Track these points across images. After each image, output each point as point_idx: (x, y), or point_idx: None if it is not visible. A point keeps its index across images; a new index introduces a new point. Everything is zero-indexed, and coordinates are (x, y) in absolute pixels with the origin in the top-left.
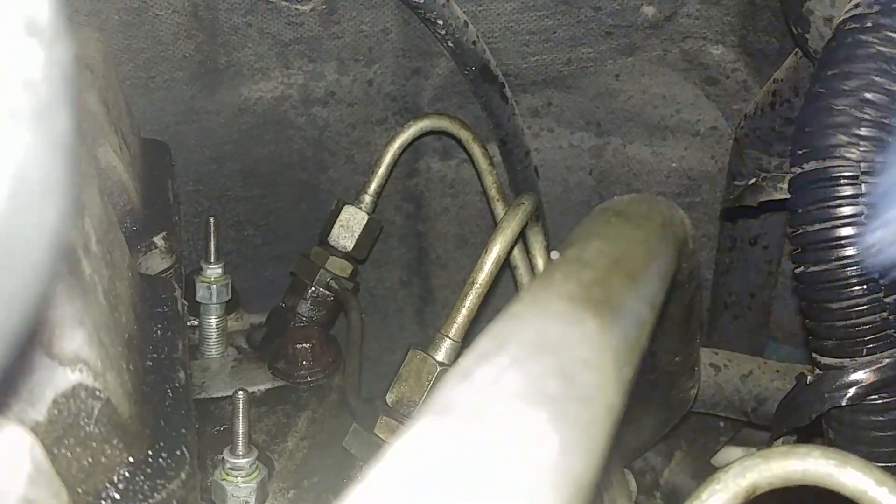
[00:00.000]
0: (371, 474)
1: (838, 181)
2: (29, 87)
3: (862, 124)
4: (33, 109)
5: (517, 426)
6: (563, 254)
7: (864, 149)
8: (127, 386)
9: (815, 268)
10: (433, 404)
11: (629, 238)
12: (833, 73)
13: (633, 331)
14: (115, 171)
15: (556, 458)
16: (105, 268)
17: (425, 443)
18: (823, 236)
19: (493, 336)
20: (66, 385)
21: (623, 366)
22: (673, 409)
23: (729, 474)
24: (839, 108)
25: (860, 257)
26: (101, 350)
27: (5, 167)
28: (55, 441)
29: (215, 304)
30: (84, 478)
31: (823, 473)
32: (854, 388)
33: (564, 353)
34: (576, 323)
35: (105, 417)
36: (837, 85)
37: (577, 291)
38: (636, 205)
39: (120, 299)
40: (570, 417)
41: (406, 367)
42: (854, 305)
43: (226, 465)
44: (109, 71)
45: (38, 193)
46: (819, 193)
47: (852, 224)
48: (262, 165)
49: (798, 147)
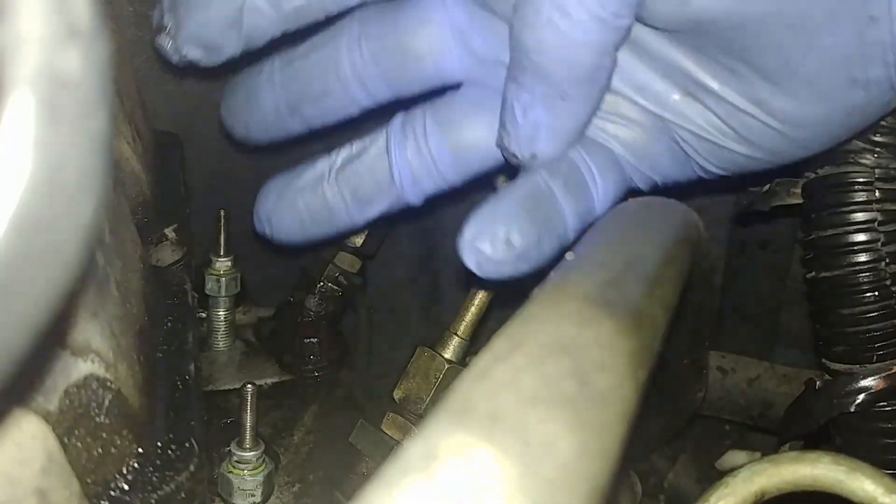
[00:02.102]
0: (386, 473)
1: (852, 187)
2: (68, 87)
3: (877, 130)
4: (72, 109)
5: (533, 428)
6: (578, 255)
7: (878, 154)
8: (137, 377)
9: (827, 273)
10: (449, 404)
11: (644, 240)
12: None
13: (648, 333)
14: (127, 163)
15: (571, 461)
16: (117, 259)
17: (442, 444)
18: (836, 241)
19: (509, 336)
20: (77, 375)
21: (638, 368)
22: (680, 412)
23: (738, 478)
24: None
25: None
26: (112, 341)
27: (45, 165)
28: (66, 431)
29: (224, 297)
30: (94, 468)
31: (833, 480)
32: (863, 395)
33: (580, 354)
34: (591, 324)
35: (115, 408)
36: None
37: (592, 292)
38: (651, 207)
39: (131, 291)
40: (585, 419)
41: (414, 364)
42: (865, 311)
43: (232, 458)
44: (123, 62)
45: (75, 190)
46: (833, 198)
47: (866, 230)
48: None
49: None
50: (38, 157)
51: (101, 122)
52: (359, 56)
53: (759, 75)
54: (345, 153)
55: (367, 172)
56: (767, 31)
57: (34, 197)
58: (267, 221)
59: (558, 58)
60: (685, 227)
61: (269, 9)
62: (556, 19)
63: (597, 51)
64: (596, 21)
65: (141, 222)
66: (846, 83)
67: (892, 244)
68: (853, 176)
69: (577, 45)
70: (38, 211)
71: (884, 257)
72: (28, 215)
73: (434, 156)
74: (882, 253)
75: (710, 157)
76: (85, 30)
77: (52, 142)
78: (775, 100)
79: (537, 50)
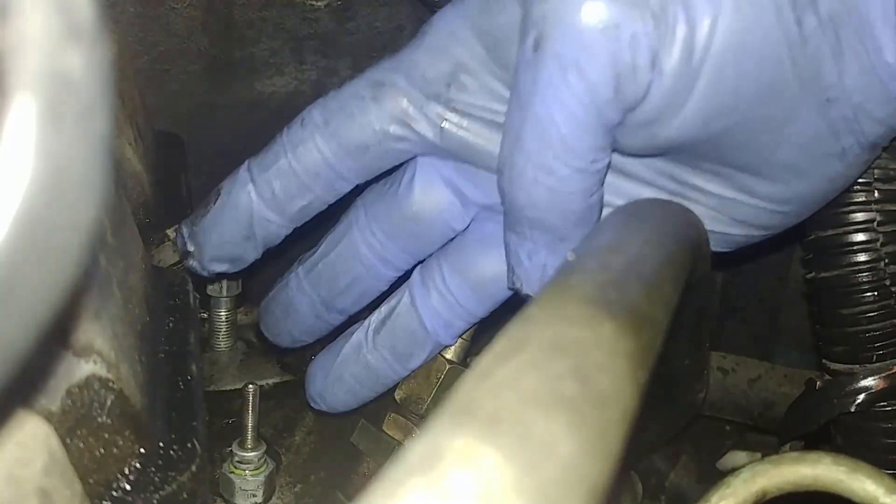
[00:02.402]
0: (388, 474)
1: (851, 187)
2: (70, 88)
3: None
4: (74, 109)
5: (534, 429)
6: (579, 255)
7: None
8: (139, 378)
9: (827, 273)
10: (451, 405)
11: (645, 241)
12: None
13: (649, 334)
14: (129, 164)
15: (572, 461)
16: (119, 259)
17: (444, 445)
18: (836, 241)
19: (511, 337)
20: (79, 376)
21: (638, 369)
22: (680, 412)
23: (739, 479)
24: None
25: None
26: (114, 341)
27: (47, 166)
28: (68, 431)
29: (225, 297)
30: (96, 468)
31: (834, 480)
32: (864, 395)
33: (581, 355)
34: (592, 325)
35: (117, 409)
36: None
37: (593, 293)
38: (652, 208)
39: (133, 291)
40: (586, 420)
41: None
42: (865, 311)
43: (234, 459)
44: (124, 63)
45: (77, 191)
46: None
47: (865, 230)
48: None
49: None
50: (40, 157)
51: (102, 122)
52: (374, 240)
53: (739, 171)
54: (375, 318)
55: (400, 331)
56: (735, 138)
57: (36, 197)
58: (321, 399)
59: (551, 210)
60: (686, 227)
61: (276, 216)
62: (542, 178)
63: (584, 196)
64: (578, 172)
65: (143, 223)
66: (822, 157)
67: (892, 244)
68: None
69: (565, 196)
70: (40, 211)
71: (883, 257)
72: (30, 215)
73: (458, 299)
74: (881, 253)
75: (711, 243)
76: (87, 31)
77: (53, 143)
78: (759, 185)
79: (530, 206)
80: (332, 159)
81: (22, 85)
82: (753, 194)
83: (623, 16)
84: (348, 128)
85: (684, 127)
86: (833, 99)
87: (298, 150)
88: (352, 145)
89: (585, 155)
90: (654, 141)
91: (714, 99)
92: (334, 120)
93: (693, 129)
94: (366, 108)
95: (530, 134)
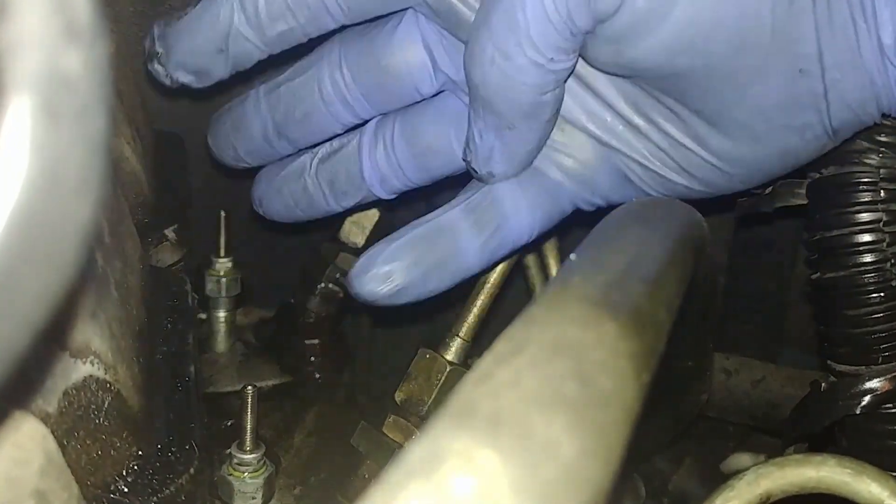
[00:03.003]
0: (389, 476)
1: (857, 187)
2: (68, 87)
3: (882, 130)
4: (72, 108)
5: (536, 430)
6: (581, 256)
7: (883, 154)
8: (137, 379)
9: (832, 274)
10: (452, 406)
11: (647, 241)
12: None
13: (651, 335)
14: (127, 163)
15: (574, 463)
16: (117, 260)
17: (445, 447)
18: (841, 242)
19: (511, 338)
20: (77, 377)
21: (641, 370)
22: (684, 414)
23: (742, 481)
24: None
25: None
26: (112, 342)
27: (44, 165)
28: (65, 433)
29: (224, 298)
30: (93, 470)
31: (839, 482)
32: (869, 396)
33: (582, 356)
34: (594, 326)
35: (115, 410)
36: None
37: (595, 294)
38: (654, 208)
39: (131, 292)
40: (588, 421)
41: (415, 366)
42: (871, 312)
43: (233, 461)
44: (123, 62)
45: (73, 190)
46: (837, 199)
47: (871, 230)
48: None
49: None
50: (37, 156)
51: (100, 122)
52: (340, 77)
53: (697, 116)
54: (324, 149)
55: (342, 169)
56: (699, 81)
57: (32, 196)
58: (259, 203)
59: (501, 95)
60: (689, 226)
61: (254, 35)
62: (499, 60)
63: (536, 91)
64: (534, 65)
65: (141, 223)
66: (780, 128)
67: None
68: (858, 176)
69: (517, 85)
70: (36, 210)
71: (889, 258)
72: (26, 214)
73: (399, 160)
74: (887, 253)
75: (652, 184)
76: (85, 30)
77: (51, 142)
78: (712, 138)
79: (483, 85)
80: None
81: (20, 84)
82: (705, 146)
83: None
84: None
85: (651, 52)
86: (806, 71)
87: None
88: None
89: (545, 51)
90: (618, 59)
91: (685, 32)
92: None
93: (659, 58)
94: None
95: (498, 15)
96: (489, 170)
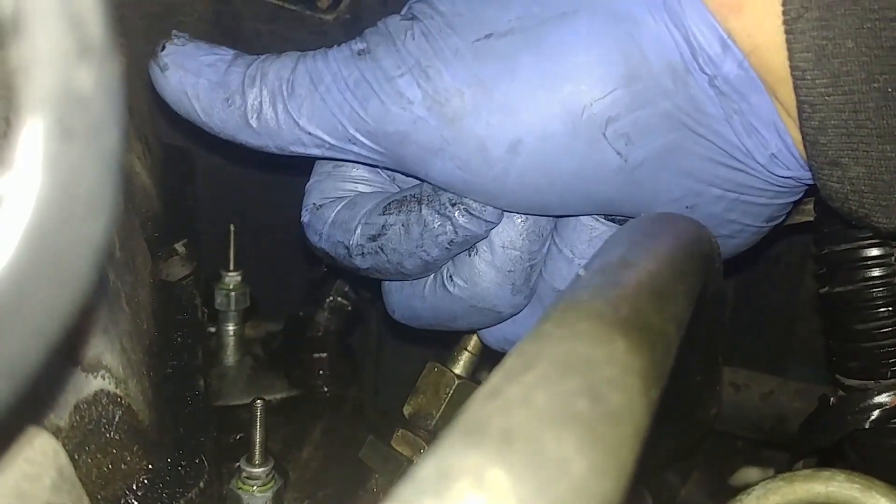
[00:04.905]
0: (399, 493)
1: None
2: (81, 104)
3: None
4: (85, 126)
5: (546, 447)
6: (589, 271)
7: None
8: (147, 393)
9: (841, 288)
10: (462, 423)
11: (656, 256)
12: None
13: (661, 350)
14: (138, 178)
15: (584, 480)
16: (128, 275)
17: (455, 464)
18: (849, 257)
19: (521, 354)
20: (88, 391)
21: (651, 386)
22: (693, 428)
23: (751, 496)
24: None
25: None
26: (122, 357)
27: (57, 181)
28: (76, 447)
29: (233, 311)
30: (104, 484)
31: (848, 497)
32: (878, 411)
33: (593, 372)
34: (604, 342)
35: (125, 424)
36: None
37: (605, 310)
38: (663, 223)
39: (141, 306)
40: (598, 438)
41: (424, 380)
42: (880, 327)
43: (242, 474)
44: (134, 77)
45: (86, 207)
46: None
47: (879, 245)
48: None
49: None
50: (51, 174)
51: (112, 138)
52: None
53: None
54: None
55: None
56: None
57: (46, 213)
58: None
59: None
60: (697, 241)
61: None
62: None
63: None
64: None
65: (151, 237)
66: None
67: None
68: None
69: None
70: (50, 227)
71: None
72: (40, 231)
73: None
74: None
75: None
76: (98, 48)
77: (64, 159)
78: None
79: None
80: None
81: (34, 102)
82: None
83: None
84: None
85: (514, 206)
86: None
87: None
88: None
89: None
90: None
91: (527, 189)
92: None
93: (523, 206)
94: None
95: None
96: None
